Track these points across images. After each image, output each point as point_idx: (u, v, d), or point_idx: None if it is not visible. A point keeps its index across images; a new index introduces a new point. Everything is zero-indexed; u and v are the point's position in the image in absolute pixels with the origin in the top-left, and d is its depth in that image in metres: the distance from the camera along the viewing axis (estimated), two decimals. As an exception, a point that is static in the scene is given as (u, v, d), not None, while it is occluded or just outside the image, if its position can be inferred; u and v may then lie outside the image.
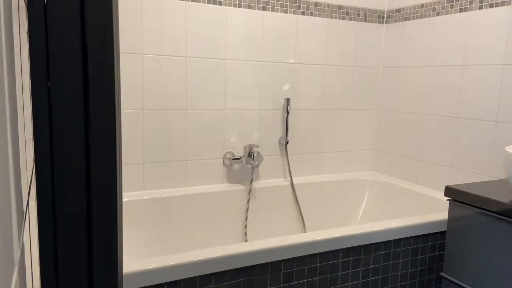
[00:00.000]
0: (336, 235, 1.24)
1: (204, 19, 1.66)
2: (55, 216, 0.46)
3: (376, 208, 1.99)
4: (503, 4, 1.51)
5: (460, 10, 1.66)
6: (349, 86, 2.03)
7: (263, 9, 1.77)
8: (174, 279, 1.01)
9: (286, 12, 1.82)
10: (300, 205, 1.92)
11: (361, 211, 2.03)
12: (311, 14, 1.87)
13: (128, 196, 1.60)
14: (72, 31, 0.44)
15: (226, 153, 1.79)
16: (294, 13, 1.84)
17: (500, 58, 1.52)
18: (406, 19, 1.93)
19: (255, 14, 1.75)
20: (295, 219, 1.92)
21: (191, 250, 1.09)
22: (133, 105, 1.59)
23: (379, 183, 2.01)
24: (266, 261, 1.13)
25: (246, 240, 1.78)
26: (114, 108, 0.45)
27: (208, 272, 1.05)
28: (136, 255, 1.54)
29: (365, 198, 2.04)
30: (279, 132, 1.91)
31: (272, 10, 1.79)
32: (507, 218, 1.08)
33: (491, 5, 1.55)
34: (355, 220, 2.02)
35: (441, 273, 1.29)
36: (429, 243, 1.41)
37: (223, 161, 1.79)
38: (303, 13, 1.85)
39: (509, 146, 1.15)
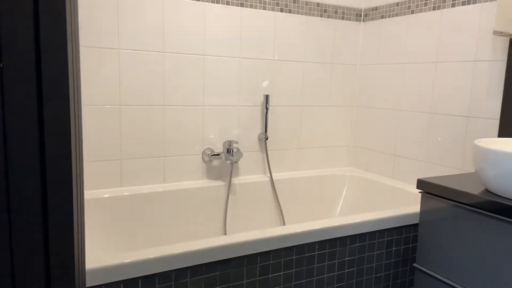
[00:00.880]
0: (312, 228, 1.26)
1: (182, 15, 1.66)
2: (9, 208, 0.46)
3: (354, 202, 2.02)
4: (474, 2, 1.55)
5: (434, 8, 1.70)
6: (327, 83, 2.06)
7: (242, 5, 1.77)
8: (149, 273, 1.01)
9: (264, 9, 1.83)
10: (280, 200, 1.94)
11: (340, 206, 2.06)
12: (290, 11, 1.89)
13: (108, 192, 1.59)
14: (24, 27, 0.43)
15: (206, 149, 1.79)
16: (273, 10, 1.85)
17: (472, 55, 1.57)
18: (382, 17, 1.96)
19: (234, 10, 1.76)
20: (275, 214, 1.93)
21: (168, 245, 1.09)
22: (110, 101, 1.58)
23: (357, 178, 2.05)
24: (242, 254, 1.14)
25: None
26: (68, 94, 0.45)
27: (183, 266, 1.05)
28: (115, 251, 1.53)
29: (343, 193, 2.07)
30: (258, 128, 1.92)
31: (251, 6, 1.79)
32: (476, 209, 1.12)
33: (463, 3, 1.59)
34: (334, 215, 2.05)
35: (414, 264, 1.32)
36: (403, 235, 1.44)
37: (203, 157, 1.79)
38: (281, 10, 1.87)
39: (478, 140, 1.19)
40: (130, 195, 1.61)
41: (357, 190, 2.03)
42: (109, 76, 1.57)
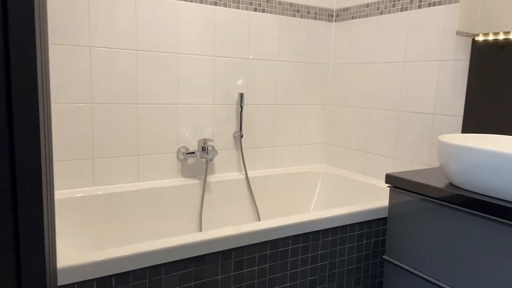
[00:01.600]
0: (285, 223, 1.28)
1: (155, 13, 1.65)
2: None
3: (327, 198, 2.07)
4: (439, 3, 1.62)
5: (402, 10, 1.77)
6: (301, 82, 2.10)
7: (215, 4, 1.78)
8: (122, 271, 1.01)
9: (238, 8, 1.84)
10: (255, 197, 1.96)
11: (314, 202, 2.10)
12: (263, 11, 1.91)
13: (81, 192, 1.57)
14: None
15: (180, 147, 1.79)
16: (246, 9, 1.87)
17: (437, 55, 1.63)
18: (353, 17, 2.01)
19: (207, 9, 1.77)
20: (250, 211, 1.95)
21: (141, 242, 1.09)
22: (81, 99, 1.56)
23: (330, 175, 2.09)
24: (217, 250, 1.16)
25: (201, 234, 1.79)
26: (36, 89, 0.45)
27: (158, 263, 1.05)
28: (89, 250, 1.51)
29: (317, 189, 2.11)
30: (233, 126, 1.93)
31: (224, 5, 1.81)
32: (441, 202, 1.18)
33: (429, 5, 1.66)
34: (308, 211, 2.09)
35: (383, 256, 1.37)
36: (373, 229, 1.49)
37: (177, 156, 1.79)
38: (255, 10, 1.89)
39: (441, 136, 1.25)
40: (104, 194, 1.59)
41: (330, 187, 2.08)
42: (81, 74, 1.55)
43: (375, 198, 1.83)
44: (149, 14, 1.64)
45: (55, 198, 1.50)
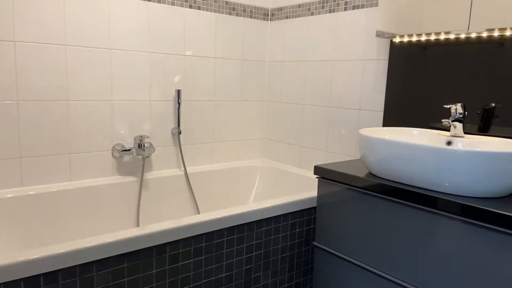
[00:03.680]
0: (220, 216, 1.33)
1: (84, 7, 1.61)
2: None
3: (265, 191, 2.14)
4: (362, 6, 1.74)
5: (330, 11, 1.87)
6: (239, 79, 2.15)
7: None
8: (51, 270, 1.00)
9: (173, 4, 1.85)
10: (194, 193, 1.99)
11: (253, 196, 2.17)
12: (199, 8, 1.93)
13: (11, 192, 1.50)
14: None
15: (115, 144, 1.77)
16: (182, 5, 1.88)
17: (361, 54, 1.76)
18: (287, 17, 2.10)
19: (140, 4, 1.75)
20: (190, 207, 1.97)
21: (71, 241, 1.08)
22: (6, 96, 1.49)
23: (268, 168, 2.17)
24: (150, 245, 1.17)
25: (139, 231, 1.78)
26: None
27: (88, 261, 1.05)
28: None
29: (256, 183, 2.18)
30: (171, 123, 1.94)
31: (158, 1, 1.80)
32: (362, 190, 1.28)
33: (353, 7, 1.77)
34: (247, 203, 2.15)
35: (313, 243, 1.46)
36: (305, 218, 1.58)
37: (112, 153, 1.77)
38: (190, 7, 1.90)
39: (362, 129, 1.36)
40: (36, 194, 1.53)
41: (268, 180, 2.16)
42: (4, 70, 1.47)
43: (309, 189, 1.93)
44: (78, 9, 1.60)
45: (-22, 200, 1.43)
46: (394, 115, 1.64)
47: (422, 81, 1.54)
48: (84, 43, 1.63)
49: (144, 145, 1.77)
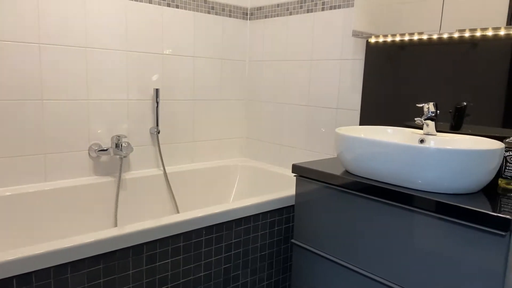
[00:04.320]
0: (199, 215, 1.32)
1: (59, 4, 1.58)
2: None
3: (246, 190, 2.15)
4: (339, 7, 1.76)
5: (308, 11, 1.89)
6: (219, 78, 2.14)
7: (126, -2, 1.75)
8: (24, 272, 0.98)
9: (150, 2, 1.83)
10: (174, 192, 1.98)
11: (233, 194, 2.17)
12: (177, 7, 1.92)
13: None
14: None
15: (92, 144, 1.74)
16: (159, 4, 1.86)
17: (338, 54, 1.78)
18: (266, 16, 2.11)
19: (116, 2, 1.73)
20: (169, 206, 1.96)
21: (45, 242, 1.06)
22: (-23, 95, 1.45)
23: (248, 167, 2.18)
24: (126, 246, 1.16)
25: (117, 232, 1.76)
26: None
27: (62, 262, 1.03)
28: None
29: (236, 182, 2.19)
30: (150, 122, 1.92)
31: (136, 0, 1.78)
32: (339, 188, 1.30)
33: (331, 8, 1.80)
34: (228, 202, 2.15)
35: (292, 240, 1.48)
36: (284, 216, 1.59)
37: (89, 153, 1.74)
38: (168, 5, 1.89)
39: (338, 128, 1.38)
40: (12, 195, 1.50)
41: (248, 179, 2.16)
42: (-25, 68, 1.43)
43: (289, 187, 1.94)
44: (53, 6, 1.56)
45: None
46: (370, 114, 1.67)
47: (396, 80, 1.57)
48: (58, 41, 1.59)
49: (121, 145, 1.75)
